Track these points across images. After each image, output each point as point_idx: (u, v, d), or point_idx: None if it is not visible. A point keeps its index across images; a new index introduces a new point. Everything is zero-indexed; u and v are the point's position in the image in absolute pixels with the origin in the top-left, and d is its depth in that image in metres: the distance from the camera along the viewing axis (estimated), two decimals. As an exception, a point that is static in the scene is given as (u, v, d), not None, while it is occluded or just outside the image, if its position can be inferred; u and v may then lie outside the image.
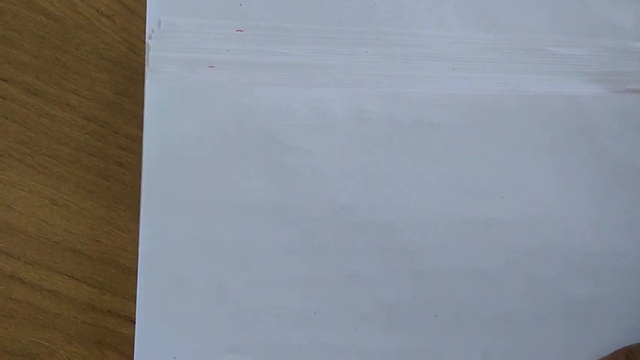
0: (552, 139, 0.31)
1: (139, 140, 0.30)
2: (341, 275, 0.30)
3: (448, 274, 0.30)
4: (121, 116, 0.31)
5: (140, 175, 0.29)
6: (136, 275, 0.29)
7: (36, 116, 0.31)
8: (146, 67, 0.30)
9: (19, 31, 0.31)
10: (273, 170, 0.30)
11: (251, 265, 0.29)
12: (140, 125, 0.30)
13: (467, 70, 0.32)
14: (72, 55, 0.31)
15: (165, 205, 0.29)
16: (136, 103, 0.31)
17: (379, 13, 0.32)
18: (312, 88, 0.31)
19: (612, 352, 0.30)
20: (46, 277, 0.30)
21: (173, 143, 0.30)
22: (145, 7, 0.31)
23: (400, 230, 0.30)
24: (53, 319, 0.30)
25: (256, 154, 0.30)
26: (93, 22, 0.32)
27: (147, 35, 0.30)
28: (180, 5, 0.31)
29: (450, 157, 0.31)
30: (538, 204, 0.31)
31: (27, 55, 0.31)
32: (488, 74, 0.32)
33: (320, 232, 0.30)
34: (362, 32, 0.32)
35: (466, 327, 0.30)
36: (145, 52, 0.30)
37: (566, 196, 0.31)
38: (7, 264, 0.30)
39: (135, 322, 0.28)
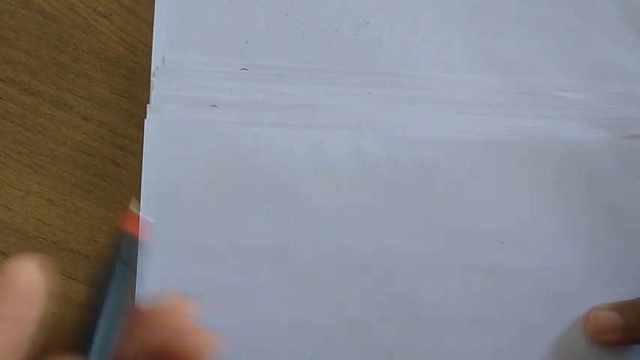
0: (555, 184, 0.31)
1: (136, 140, 0.30)
2: (340, 319, 0.29)
3: (447, 320, 0.30)
4: (118, 116, 0.31)
5: (138, 176, 0.29)
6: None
7: (33, 116, 0.31)
8: (148, 105, 0.30)
9: (16, 30, 0.31)
10: (274, 212, 0.30)
11: (249, 308, 0.29)
12: (137, 125, 0.30)
13: (471, 113, 0.31)
14: (69, 54, 0.31)
15: (163, 245, 0.29)
16: (133, 103, 0.31)
17: (385, 53, 0.32)
18: (315, 129, 0.30)
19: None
20: (43, 277, 0.30)
21: (172, 184, 0.29)
22: (143, 7, 0.31)
23: (400, 275, 0.30)
24: (51, 319, 0.30)
25: (256, 195, 0.30)
26: (90, 22, 0.32)
27: (151, 72, 0.30)
28: (186, 41, 0.31)
29: (451, 201, 0.30)
30: (537, 250, 0.30)
31: (24, 55, 0.31)
32: (493, 118, 0.31)
33: (320, 275, 0.29)
34: (367, 73, 0.31)
35: None
36: (143, 53, 0.30)
37: (566, 244, 0.31)
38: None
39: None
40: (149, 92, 0.30)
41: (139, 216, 0.20)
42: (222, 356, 0.22)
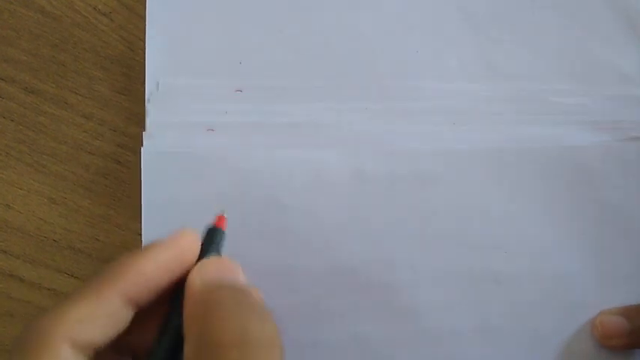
0: (554, 190, 0.31)
1: (137, 138, 0.30)
2: (346, 335, 0.29)
3: (453, 331, 0.29)
4: (119, 114, 0.31)
5: (138, 174, 0.29)
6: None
7: (34, 115, 0.31)
8: (143, 132, 0.29)
9: (16, 29, 0.31)
10: (276, 233, 0.29)
11: None
12: (138, 123, 0.30)
13: (468, 123, 0.31)
14: (69, 53, 0.31)
15: None
16: (134, 101, 0.31)
17: (381, 66, 0.31)
18: (312, 148, 0.30)
19: None
20: (45, 276, 0.30)
21: (172, 211, 0.29)
22: (143, 5, 0.31)
23: (404, 288, 0.30)
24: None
25: (257, 217, 0.29)
26: (90, 20, 0.32)
27: (146, 98, 0.30)
28: (179, 64, 0.30)
29: (452, 212, 0.30)
30: (540, 257, 0.30)
31: (24, 54, 0.31)
32: (490, 127, 0.31)
33: (324, 293, 0.29)
34: (363, 87, 0.31)
35: None
36: (142, 51, 0.30)
37: (570, 250, 0.30)
38: (6, 263, 0.30)
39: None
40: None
41: (224, 217, 0.24)
42: None
